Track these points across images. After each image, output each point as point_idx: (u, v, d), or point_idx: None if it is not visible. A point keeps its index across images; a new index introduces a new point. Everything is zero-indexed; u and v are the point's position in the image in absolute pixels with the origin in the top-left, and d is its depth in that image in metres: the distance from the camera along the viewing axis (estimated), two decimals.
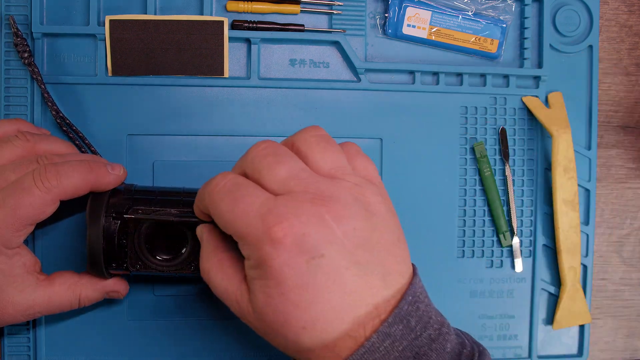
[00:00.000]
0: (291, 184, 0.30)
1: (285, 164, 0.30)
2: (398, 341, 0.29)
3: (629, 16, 0.53)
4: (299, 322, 0.29)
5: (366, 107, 0.47)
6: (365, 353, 0.28)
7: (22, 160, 0.37)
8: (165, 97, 0.45)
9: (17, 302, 0.36)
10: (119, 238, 0.37)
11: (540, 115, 0.48)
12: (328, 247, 0.28)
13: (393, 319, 0.29)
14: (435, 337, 0.30)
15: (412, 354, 0.29)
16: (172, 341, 0.46)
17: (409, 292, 0.30)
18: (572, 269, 0.48)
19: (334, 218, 0.29)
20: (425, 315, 0.30)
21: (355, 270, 0.29)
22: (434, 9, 0.48)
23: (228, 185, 0.31)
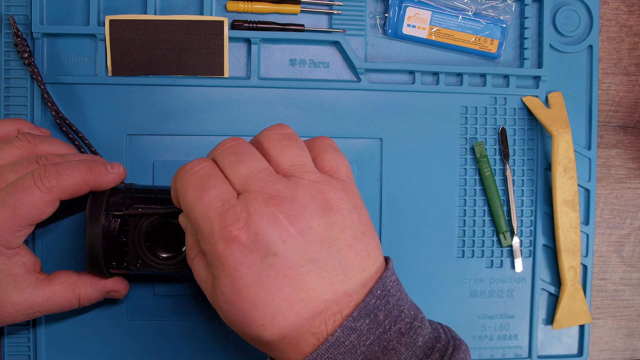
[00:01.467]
0: (249, 183, 0.30)
1: (245, 163, 0.31)
2: (365, 335, 0.29)
3: (629, 16, 0.53)
4: (257, 320, 0.29)
5: (366, 107, 0.47)
6: (329, 348, 0.29)
7: (22, 161, 0.37)
8: (165, 97, 0.45)
9: (16, 302, 0.36)
10: (118, 236, 0.37)
11: (540, 115, 0.48)
12: (281, 246, 0.29)
13: (358, 313, 0.29)
14: (406, 331, 0.30)
15: (380, 348, 0.29)
16: (172, 341, 0.46)
17: (377, 286, 0.30)
18: (572, 269, 0.48)
19: (287, 217, 0.29)
20: (396, 309, 0.30)
21: (311, 267, 0.29)
22: (434, 9, 0.48)
23: (200, 173, 0.31)
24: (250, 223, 0.29)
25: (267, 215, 0.29)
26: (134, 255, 0.38)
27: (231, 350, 0.46)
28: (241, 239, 0.29)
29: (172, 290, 0.46)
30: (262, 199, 0.29)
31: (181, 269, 0.39)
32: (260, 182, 0.30)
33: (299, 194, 0.30)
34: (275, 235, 0.29)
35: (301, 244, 0.29)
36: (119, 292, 0.41)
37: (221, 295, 0.30)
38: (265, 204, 0.29)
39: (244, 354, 0.46)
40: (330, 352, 0.29)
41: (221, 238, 0.29)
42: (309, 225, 0.30)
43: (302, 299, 0.29)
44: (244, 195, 0.30)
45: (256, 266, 0.29)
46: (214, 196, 0.30)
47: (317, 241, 0.30)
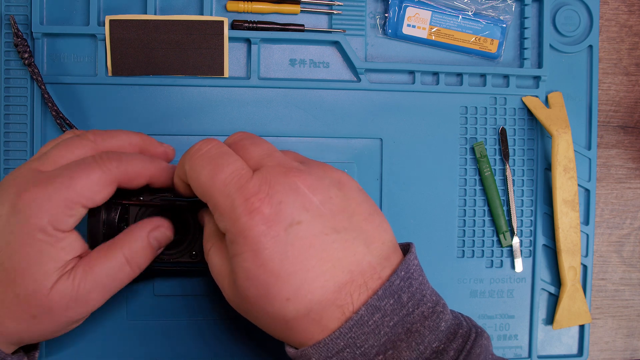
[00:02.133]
0: (265, 160, 0.31)
1: (259, 145, 0.32)
2: (388, 316, 0.28)
3: (629, 16, 0.53)
4: (282, 293, 0.28)
5: (366, 107, 0.47)
6: (353, 326, 0.28)
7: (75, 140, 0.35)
8: (165, 97, 0.45)
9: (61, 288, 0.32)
10: (119, 225, 0.37)
11: (540, 115, 0.48)
12: (305, 214, 0.28)
13: (383, 292, 0.28)
14: (429, 314, 0.29)
15: (403, 330, 0.29)
16: (172, 341, 0.46)
17: (401, 267, 0.29)
18: (572, 269, 0.48)
19: (308, 187, 0.29)
20: (418, 293, 0.30)
21: (335, 236, 0.29)
22: (434, 9, 0.48)
23: (212, 152, 0.31)
24: (272, 193, 0.28)
25: (289, 185, 0.29)
26: None
27: (231, 350, 0.46)
28: (264, 210, 0.28)
29: (172, 290, 0.46)
30: (281, 171, 0.29)
31: (182, 257, 0.38)
32: (276, 159, 0.31)
33: (313, 170, 0.30)
34: (298, 204, 0.29)
35: (323, 212, 0.29)
36: (161, 227, 0.36)
37: (242, 272, 0.29)
38: (285, 175, 0.29)
39: (244, 354, 0.46)
40: (353, 331, 0.28)
41: (243, 211, 0.28)
42: (329, 195, 0.30)
43: (327, 270, 0.28)
44: (261, 170, 0.30)
45: (280, 237, 0.28)
46: (231, 172, 0.30)
47: (339, 211, 0.29)
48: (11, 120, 0.44)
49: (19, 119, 0.44)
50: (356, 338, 0.28)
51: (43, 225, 0.31)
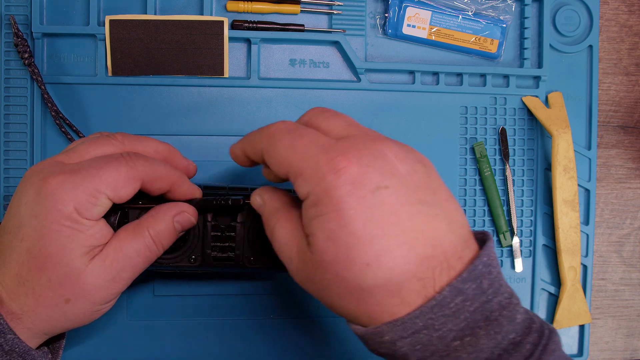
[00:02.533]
0: (350, 129, 0.30)
1: (341, 117, 0.31)
2: (470, 300, 0.27)
3: (629, 16, 0.53)
4: (363, 258, 0.27)
5: (366, 107, 0.47)
6: (435, 306, 0.27)
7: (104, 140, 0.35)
8: (165, 97, 0.45)
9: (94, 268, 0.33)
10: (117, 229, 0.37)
11: (540, 115, 0.48)
12: (392, 179, 0.28)
13: (468, 274, 0.27)
14: (506, 304, 0.28)
15: (482, 317, 0.27)
16: (172, 341, 0.45)
17: (483, 253, 0.28)
18: (572, 269, 0.48)
19: (395, 156, 0.29)
20: (497, 282, 0.29)
21: (419, 208, 0.28)
22: (434, 9, 0.48)
23: (290, 126, 0.31)
24: (360, 155, 0.28)
25: (377, 150, 0.28)
26: None
27: (231, 350, 0.46)
28: (351, 170, 0.28)
29: (172, 290, 0.46)
30: (369, 138, 0.29)
31: (181, 262, 0.38)
32: (361, 129, 0.30)
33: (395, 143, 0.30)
34: (387, 169, 0.28)
35: (410, 182, 0.28)
36: (185, 212, 0.36)
37: (324, 233, 0.28)
38: (373, 142, 0.29)
39: (245, 353, 0.46)
40: (434, 311, 0.27)
41: (329, 170, 0.28)
42: (415, 168, 0.29)
43: (410, 240, 0.27)
44: (347, 137, 0.30)
45: (367, 198, 0.27)
46: (311, 139, 0.30)
47: (423, 185, 0.29)
48: (11, 120, 0.44)
49: (19, 119, 0.44)
50: (435, 320, 0.27)
51: (69, 212, 0.32)
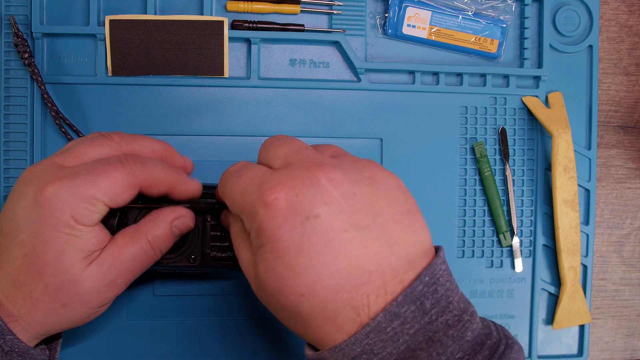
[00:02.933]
0: (291, 157, 0.30)
1: (288, 144, 0.31)
2: (409, 323, 0.27)
3: (629, 16, 0.53)
4: (297, 288, 0.28)
5: (366, 107, 0.47)
6: (370, 332, 0.27)
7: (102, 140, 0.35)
8: (165, 97, 0.45)
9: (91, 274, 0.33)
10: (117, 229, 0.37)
11: (540, 115, 0.48)
12: (323, 208, 0.28)
13: (404, 298, 0.27)
14: (454, 323, 0.28)
15: (424, 338, 0.27)
16: (172, 341, 0.45)
17: (425, 272, 0.28)
18: (572, 269, 0.48)
19: (330, 181, 0.28)
20: (444, 300, 0.28)
21: (354, 233, 0.28)
22: (434, 9, 0.48)
23: (237, 166, 0.32)
24: (290, 186, 0.28)
25: (309, 177, 0.28)
26: None
27: (232, 350, 0.46)
28: (280, 202, 0.28)
29: (172, 290, 0.46)
30: (304, 166, 0.29)
31: (181, 262, 0.39)
32: (303, 155, 0.30)
33: (343, 165, 0.30)
34: (318, 196, 0.28)
35: (344, 207, 0.28)
36: (183, 217, 0.36)
37: (262, 263, 0.29)
38: (307, 169, 0.29)
39: (245, 353, 0.46)
40: (370, 338, 0.27)
41: (262, 204, 0.28)
42: (353, 191, 0.28)
43: (344, 268, 0.27)
44: (286, 166, 0.30)
45: (297, 229, 0.28)
46: (252, 175, 0.30)
47: (362, 208, 0.28)
48: (11, 120, 0.44)
49: (19, 119, 0.44)
50: (373, 345, 0.27)
51: (66, 219, 0.32)
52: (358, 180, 0.29)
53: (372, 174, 0.30)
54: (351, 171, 0.29)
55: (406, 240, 0.29)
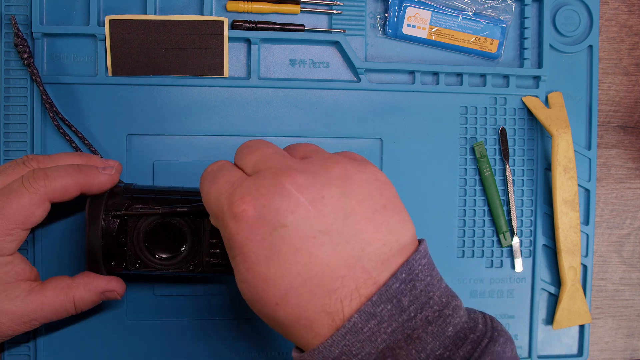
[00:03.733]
0: (260, 164, 0.30)
1: (257, 150, 0.31)
2: (386, 322, 0.27)
3: (629, 16, 0.53)
4: (271, 298, 0.28)
5: (366, 107, 0.47)
6: (346, 334, 0.27)
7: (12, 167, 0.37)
8: (165, 97, 0.45)
9: (9, 311, 0.36)
10: (117, 236, 0.37)
11: (540, 115, 0.48)
12: (290, 217, 0.28)
13: (379, 297, 0.27)
14: (434, 319, 0.27)
15: (403, 336, 0.27)
16: (172, 341, 0.45)
17: (402, 269, 0.28)
18: (572, 269, 0.48)
19: (296, 187, 0.28)
20: (424, 295, 0.28)
21: (324, 239, 0.27)
22: (434, 9, 0.48)
23: (214, 168, 0.32)
24: (257, 196, 0.28)
25: (275, 186, 0.28)
26: (133, 255, 0.38)
27: (231, 350, 0.46)
28: (248, 213, 0.28)
29: (172, 290, 0.46)
30: (271, 173, 0.29)
31: (180, 269, 0.39)
32: (271, 162, 0.30)
33: (312, 167, 0.29)
34: (284, 205, 0.28)
35: (312, 214, 0.28)
36: (115, 291, 0.40)
37: (237, 274, 0.29)
38: (273, 176, 0.29)
39: (245, 353, 0.46)
40: (347, 339, 0.27)
41: (230, 216, 0.28)
42: (321, 194, 0.28)
43: (315, 275, 0.27)
44: (253, 176, 0.30)
45: (266, 240, 0.28)
46: (224, 181, 0.30)
47: (330, 212, 0.28)
48: (11, 120, 0.44)
49: (18, 119, 0.44)
50: (351, 346, 0.27)
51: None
52: (326, 182, 0.29)
53: (342, 172, 0.29)
54: (320, 173, 0.29)
55: (380, 239, 0.28)
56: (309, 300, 0.27)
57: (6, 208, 0.35)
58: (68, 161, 0.39)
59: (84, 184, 0.37)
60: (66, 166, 0.37)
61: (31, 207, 0.35)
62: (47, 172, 0.36)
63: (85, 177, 0.37)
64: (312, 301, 0.27)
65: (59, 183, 0.36)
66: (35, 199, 0.35)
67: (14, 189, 0.35)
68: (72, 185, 0.37)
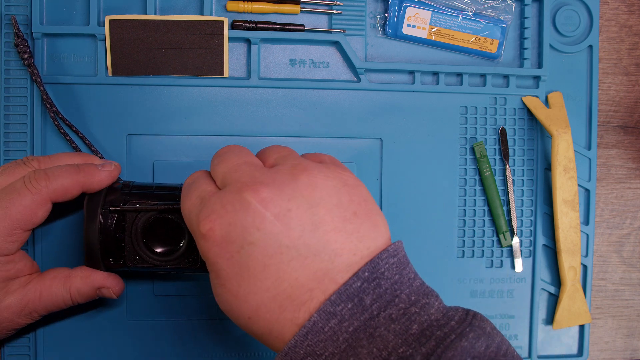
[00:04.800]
0: (227, 177, 0.30)
1: (226, 161, 0.31)
2: (347, 321, 0.27)
3: (629, 16, 0.53)
4: (243, 313, 0.28)
5: (366, 107, 0.47)
6: (308, 333, 0.27)
7: (13, 167, 0.38)
8: (165, 97, 0.45)
9: (10, 304, 0.36)
10: (115, 232, 0.37)
11: (540, 115, 0.48)
12: (257, 234, 0.28)
13: (338, 296, 0.27)
14: (398, 317, 0.27)
15: (365, 335, 0.26)
16: (172, 341, 0.46)
17: (365, 268, 0.27)
18: (572, 269, 0.48)
19: (261, 201, 0.28)
20: (389, 294, 0.27)
21: (292, 254, 0.27)
22: (434, 9, 0.48)
23: (189, 182, 0.33)
24: (223, 214, 0.28)
25: (239, 202, 0.28)
26: (131, 251, 0.38)
27: (232, 350, 0.46)
28: (215, 232, 0.28)
29: (172, 290, 0.46)
30: (235, 188, 0.29)
31: (179, 265, 0.39)
32: (238, 174, 0.30)
33: (278, 177, 0.29)
34: (249, 222, 0.28)
35: (279, 229, 0.28)
36: (110, 289, 0.40)
37: (212, 288, 0.30)
38: (238, 192, 0.28)
39: (244, 354, 0.46)
40: (309, 339, 0.27)
41: (200, 235, 0.29)
42: (287, 207, 0.28)
43: (284, 290, 0.27)
44: (220, 191, 0.30)
45: (234, 258, 0.28)
46: (195, 196, 0.31)
47: (297, 225, 0.28)
48: (11, 120, 0.44)
49: (19, 119, 0.44)
50: (314, 346, 0.27)
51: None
52: (292, 195, 0.28)
53: (310, 180, 0.29)
54: (286, 183, 0.29)
55: (350, 249, 0.28)
56: (279, 314, 0.28)
57: (9, 208, 0.35)
58: (68, 161, 0.39)
59: (84, 183, 0.37)
60: (66, 166, 0.37)
61: (33, 208, 0.36)
62: (48, 172, 0.36)
63: (85, 176, 0.37)
64: (282, 314, 0.28)
65: (60, 183, 0.36)
66: (38, 199, 0.36)
67: (16, 189, 0.35)
68: (73, 185, 0.37)
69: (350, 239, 0.28)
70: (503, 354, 0.27)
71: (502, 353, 0.27)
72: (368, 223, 0.29)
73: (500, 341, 0.27)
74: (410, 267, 0.29)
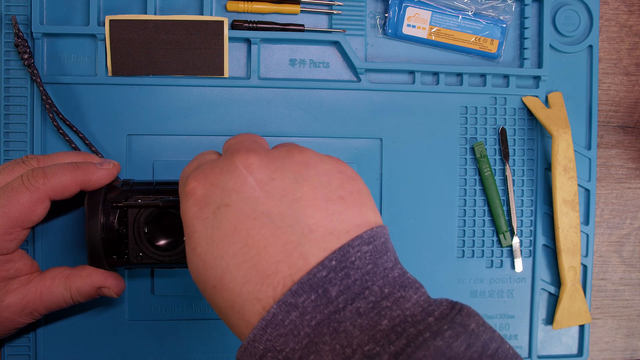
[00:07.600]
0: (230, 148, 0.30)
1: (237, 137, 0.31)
2: (309, 314, 0.24)
3: (629, 16, 0.53)
4: (209, 280, 0.27)
5: (366, 107, 0.47)
6: (267, 326, 0.25)
7: (11, 166, 0.38)
8: (165, 97, 0.45)
9: (10, 304, 0.36)
10: (118, 228, 0.37)
11: (540, 115, 0.48)
12: (234, 196, 0.27)
13: (300, 286, 0.24)
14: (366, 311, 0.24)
15: (329, 330, 0.24)
16: (172, 341, 0.46)
17: (332, 256, 0.25)
18: (572, 269, 0.48)
19: (247, 166, 0.27)
20: (358, 285, 0.25)
21: (264, 221, 0.26)
22: (434, 9, 0.48)
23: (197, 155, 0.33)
24: (209, 174, 0.28)
25: (227, 165, 0.28)
26: (134, 247, 0.38)
27: (232, 350, 0.46)
28: (197, 191, 0.28)
29: (172, 290, 0.46)
30: (229, 154, 0.29)
31: (182, 260, 0.38)
32: (239, 145, 0.29)
33: (274, 152, 0.29)
34: (230, 184, 0.27)
35: (257, 194, 0.27)
36: (111, 288, 0.39)
37: (187, 256, 0.28)
38: (229, 157, 0.28)
39: None
40: (269, 333, 0.25)
41: (183, 194, 0.28)
42: (271, 177, 0.27)
43: (251, 258, 0.26)
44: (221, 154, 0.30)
45: (209, 219, 0.27)
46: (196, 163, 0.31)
47: (278, 194, 0.27)
48: (11, 120, 0.44)
49: (19, 119, 0.44)
50: (274, 341, 0.25)
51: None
52: (281, 166, 0.28)
53: (305, 159, 0.28)
54: (279, 157, 0.28)
55: (327, 227, 0.26)
56: (242, 285, 0.26)
57: (7, 206, 0.35)
58: (67, 160, 0.39)
59: (82, 181, 0.37)
60: (64, 164, 0.37)
61: (31, 205, 0.36)
62: (46, 170, 0.36)
63: (83, 174, 0.37)
64: (245, 286, 0.25)
65: (58, 180, 0.36)
66: (36, 197, 0.36)
67: (14, 187, 0.36)
68: (71, 182, 0.37)
69: (330, 218, 0.26)
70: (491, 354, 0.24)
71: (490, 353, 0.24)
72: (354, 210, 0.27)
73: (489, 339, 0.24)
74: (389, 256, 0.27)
